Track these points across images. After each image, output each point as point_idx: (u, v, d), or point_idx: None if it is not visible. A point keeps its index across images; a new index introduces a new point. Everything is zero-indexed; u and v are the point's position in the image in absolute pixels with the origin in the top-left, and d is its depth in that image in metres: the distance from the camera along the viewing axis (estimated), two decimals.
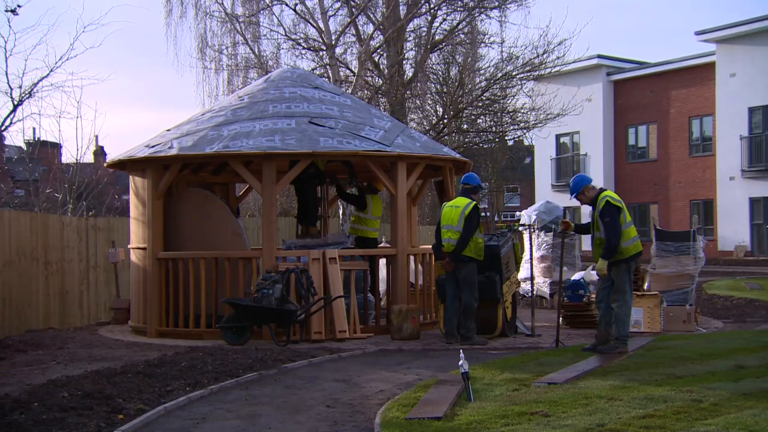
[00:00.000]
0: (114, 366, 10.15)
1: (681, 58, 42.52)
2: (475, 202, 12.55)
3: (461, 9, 25.99)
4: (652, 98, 43.24)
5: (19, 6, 11.85)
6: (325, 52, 25.14)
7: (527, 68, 26.83)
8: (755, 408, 7.38)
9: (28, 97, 21.53)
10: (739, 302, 19.20)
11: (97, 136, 49.20)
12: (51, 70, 23.61)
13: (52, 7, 44.33)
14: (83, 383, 8.79)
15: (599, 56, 43.78)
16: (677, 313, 13.90)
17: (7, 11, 11.07)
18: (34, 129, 45.63)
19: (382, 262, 14.70)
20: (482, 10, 26.38)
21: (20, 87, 21.43)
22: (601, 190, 11.67)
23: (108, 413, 7.59)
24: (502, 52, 27.74)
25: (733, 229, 39.26)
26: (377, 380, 9.68)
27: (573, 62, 31.62)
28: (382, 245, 15.63)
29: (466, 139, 28.62)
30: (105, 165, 15.81)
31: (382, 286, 14.87)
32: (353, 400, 8.59)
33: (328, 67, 24.92)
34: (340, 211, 22.35)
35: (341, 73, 25.11)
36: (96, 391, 8.28)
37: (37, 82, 21.97)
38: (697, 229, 21.31)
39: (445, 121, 26.49)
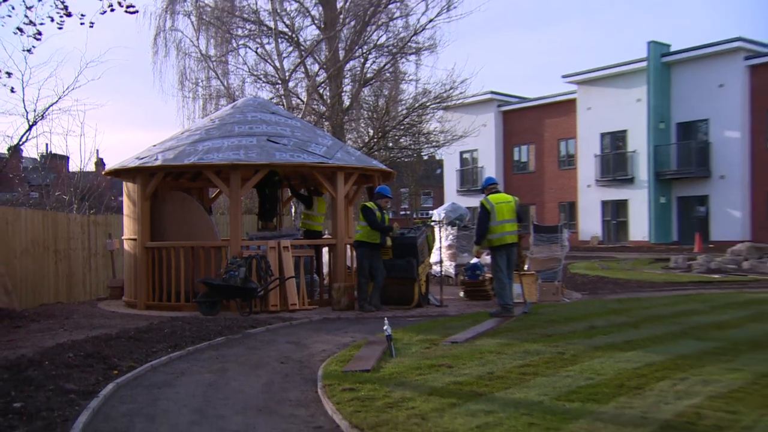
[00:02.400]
0: (110, 332, 10.11)
1: (552, 95, 43.42)
2: (368, 204, 12.86)
3: (386, 54, 26.20)
4: (531, 125, 44.11)
5: (33, 47, 11.78)
6: (280, 86, 25.17)
7: (437, 100, 27.05)
8: (602, 357, 7.71)
9: (41, 119, 21.35)
10: (593, 279, 19.71)
11: (97, 150, 48.75)
12: (59, 98, 23.30)
13: (61, 47, 44.15)
14: (85, 346, 8.81)
15: (492, 92, 44.28)
16: (549, 287, 14.21)
17: (23, 50, 10.94)
18: (46, 144, 44.86)
19: (325, 249, 14.76)
20: (403, 55, 26.64)
21: (34, 111, 21.28)
22: (485, 195, 12.14)
23: (105, 369, 7.65)
24: (417, 87, 28.08)
25: (589, 224, 40.17)
26: (321, 342, 9.77)
27: (472, 96, 32.14)
28: (325, 236, 15.73)
29: (391, 155, 28.77)
30: (103, 173, 15.71)
31: (326, 269, 14.92)
32: (302, 357, 8.68)
33: (282, 97, 24.93)
34: (293, 210, 22.35)
35: (293, 102, 25.14)
36: (95, 352, 8.32)
37: (48, 107, 21.75)
38: (563, 224, 21.73)
39: (375, 140, 26.58)
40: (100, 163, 35.14)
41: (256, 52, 25.96)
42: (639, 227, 37.90)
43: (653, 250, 33.98)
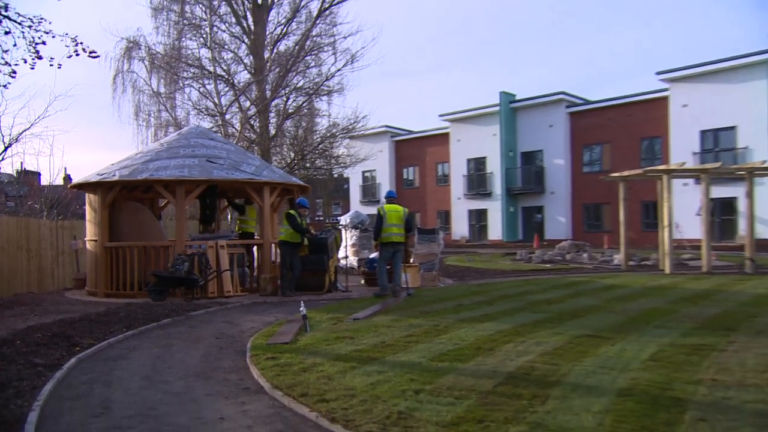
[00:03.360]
0: (74, 316, 9.66)
1: (432, 129, 44.08)
2: (291, 212, 12.82)
3: (304, 95, 26.15)
4: (416, 152, 44.73)
5: (9, 83, 11.22)
6: (218, 117, 24.81)
7: (344, 131, 27.17)
8: (466, 328, 7.87)
9: (15, 142, 20.80)
10: (462, 268, 20.02)
11: (65, 168, 46.91)
12: (31, 125, 22.74)
13: (33, 83, 42.17)
14: (52, 327, 8.44)
15: (386, 126, 44.62)
16: (428, 275, 14.41)
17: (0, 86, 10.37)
18: (21, 162, 42.97)
19: (255, 248, 14.52)
20: (317, 96, 26.63)
21: (10, 135, 20.94)
22: (383, 203, 12.70)
23: (69, 346, 7.36)
24: (329, 121, 28.16)
25: (459, 227, 40.95)
26: (249, 321, 9.60)
27: (371, 129, 32.44)
28: (256, 237, 15.51)
29: (308, 173, 28.62)
30: (69, 186, 15.08)
31: (255, 263, 14.74)
32: (234, 333, 8.52)
33: (220, 126, 24.57)
34: (229, 216, 22.03)
35: (229, 131, 24.79)
36: (61, 333, 8.00)
37: (22, 132, 21.33)
38: (439, 227, 22.01)
39: (295, 161, 26.46)
40: (67, 178, 34.04)
41: (198, 90, 25.49)
42: (495, 229, 38.98)
43: (505, 246, 34.94)
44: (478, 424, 4.19)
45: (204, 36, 25.03)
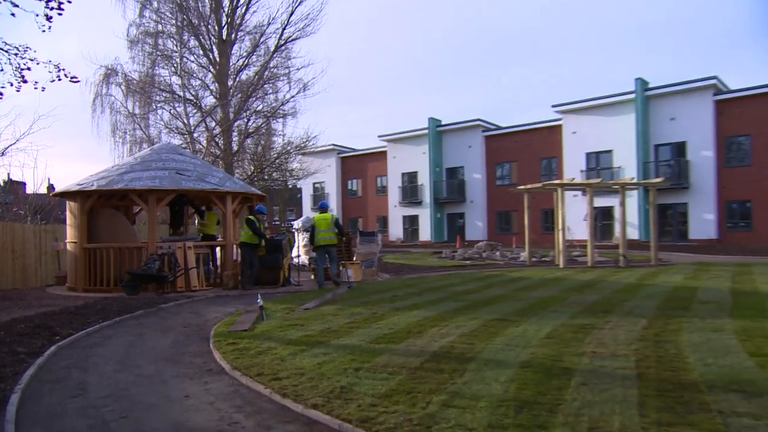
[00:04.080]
0: (55, 309, 9.20)
1: (372, 147, 43.78)
2: (251, 217, 12.62)
3: (263, 117, 25.67)
4: (359, 167, 44.54)
5: None
6: (187, 136, 24.11)
7: (298, 149, 26.81)
8: (399, 315, 7.87)
9: (2, 156, 19.73)
10: (397, 265, 20.01)
11: (49, 178, 44.58)
12: (17, 140, 21.39)
13: (19, 104, 39.93)
14: (34, 319, 8.03)
15: (333, 144, 44.41)
16: (368, 271, 14.41)
17: None
18: (7, 173, 40.68)
19: (219, 248, 14.17)
20: (274, 118, 26.17)
21: None
22: (317, 213, 13.11)
23: (49, 336, 7.02)
24: (284, 139, 27.68)
25: (395, 230, 40.98)
26: (213, 312, 9.37)
27: (320, 146, 32.39)
28: (219, 239, 15.12)
29: (266, 184, 28.09)
30: (51, 195, 14.35)
31: (218, 262, 14.39)
32: (199, 323, 8.31)
33: (189, 143, 23.87)
34: (196, 221, 21.45)
35: (197, 147, 24.08)
36: (42, 324, 7.61)
37: (8, 147, 20.19)
38: (378, 230, 22.10)
39: (255, 174, 25.98)
40: (50, 187, 32.29)
41: (169, 112, 24.70)
42: (425, 232, 39.31)
43: (433, 246, 35.22)
44: (407, 395, 4.23)
45: (175, 65, 24.36)
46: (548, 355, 5.29)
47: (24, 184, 29.92)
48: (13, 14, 7.39)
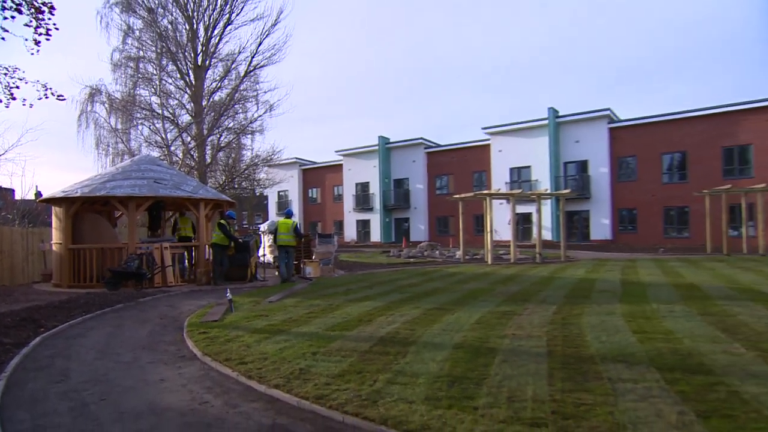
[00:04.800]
0: (40, 303, 8.67)
1: (330, 161, 43.44)
2: (222, 221, 12.24)
3: (233, 133, 24.96)
4: (318, 177, 44.06)
5: None
6: (165, 149, 23.24)
7: (264, 161, 26.25)
8: (352, 306, 7.78)
9: None
10: (351, 263, 19.82)
11: (36, 185, 42.08)
12: (6, 151, 20.15)
13: (7, 118, 37.62)
14: (21, 313, 7.54)
15: (296, 158, 43.77)
16: (326, 268, 14.22)
17: None
18: None
19: (193, 249, 13.72)
20: (243, 134, 25.50)
21: None
22: (282, 218, 12.95)
23: (35, 328, 6.61)
24: (252, 153, 27.07)
25: (350, 232, 40.64)
26: (188, 305, 9.05)
27: (284, 159, 31.77)
28: (193, 241, 14.65)
29: (236, 192, 27.37)
30: (38, 201, 13.50)
31: (193, 260, 13.91)
32: (174, 315, 8.01)
33: (166, 155, 23.00)
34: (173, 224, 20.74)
35: (173, 159, 23.26)
36: (28, 317, 7.15)
37: None
38: (334, 233, 21.86)
39: (226, 183, 25.32)
40: (38, 194, 30.45)
41: (149, 128, 23.70)
42: (375, 234, 39.31)
43: (382, 246, 35.20)
44: (358, 375, 4.23)
45: (154, 87, 23.51)
46: (477, 338, 5.40)
47: (13, 190, 28.14)
48: (3, 38, 6.96)
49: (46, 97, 7.97)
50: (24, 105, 7.73)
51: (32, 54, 7.00)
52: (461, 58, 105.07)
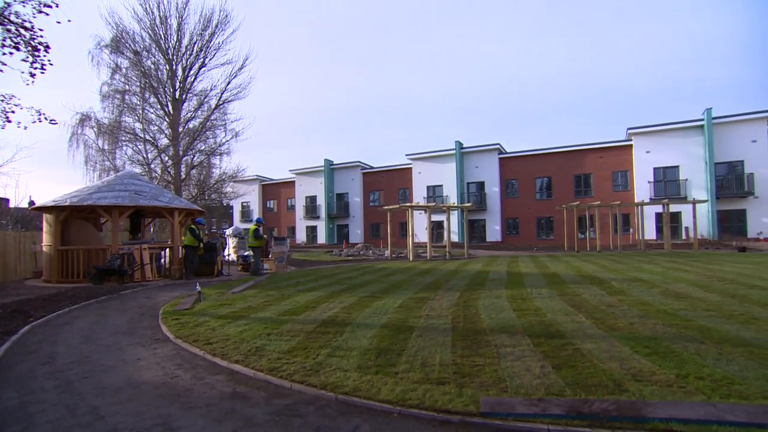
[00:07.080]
0: (30, 297, 7.83)
1: (284, 178, 42.05)
2: (192, 226, 11.60)
3: (205, 154, 23.68)
4: (276, 191, 42.69)
5: None
6: (145, 166, 21.73)
7: (231, 177, 25.10)
8: (301, 295, 7.65)
9: None
10: (301, 260, 19.06)
11: (30, 195, 37.54)
12: (1, 166, 17.93)
13: (2, 138, 33.13)
14: (11, 305, 6.80)
15: (257, 175, 42.27)
16: (280, 265, 13.86)
17: None
18: None
19: (168, 250, 12.86)
20: (213, 155, 24.22)
21: None
22: (254, 224, 12.68)
23: (24, 318, 6.00)
24: (221, 170, 25.86)
25: (300, 235, 39.46)
26: (163, 296, 8.48)
27: (247, 176, 30.78)
28: (167, 242, 13.74)
29: (207, 202, 26.00)
30: (31, 209, 12.06)
31: (169, 259, 13.05)
32: (151, 305, 7.48)
33: (147, 172, 21.50)
34: (152, 229, 19.28)
35: (153, 175, 21.79)
36: (19, 309, 6.49)
37: None
38: (287, 236, 21.32)
39: (198, 195, 24.02)
40: (30, 203, 27.20)
41: (132, 149, 22.09)
42: (321, 237, 38.72)
43: (327, 247, 34.65)
44: (303, 350, 4.21)
45: (138, 115, 22.01)
46: (399, 319, 5.51)
47: (7, 200, 25.02)
48: (0, 71, 6.26)
49: (40, 121, 7.25)
50: (19, 127, 6.94)
51: (27, 84, 6.36)
52: (392, 98, 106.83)
